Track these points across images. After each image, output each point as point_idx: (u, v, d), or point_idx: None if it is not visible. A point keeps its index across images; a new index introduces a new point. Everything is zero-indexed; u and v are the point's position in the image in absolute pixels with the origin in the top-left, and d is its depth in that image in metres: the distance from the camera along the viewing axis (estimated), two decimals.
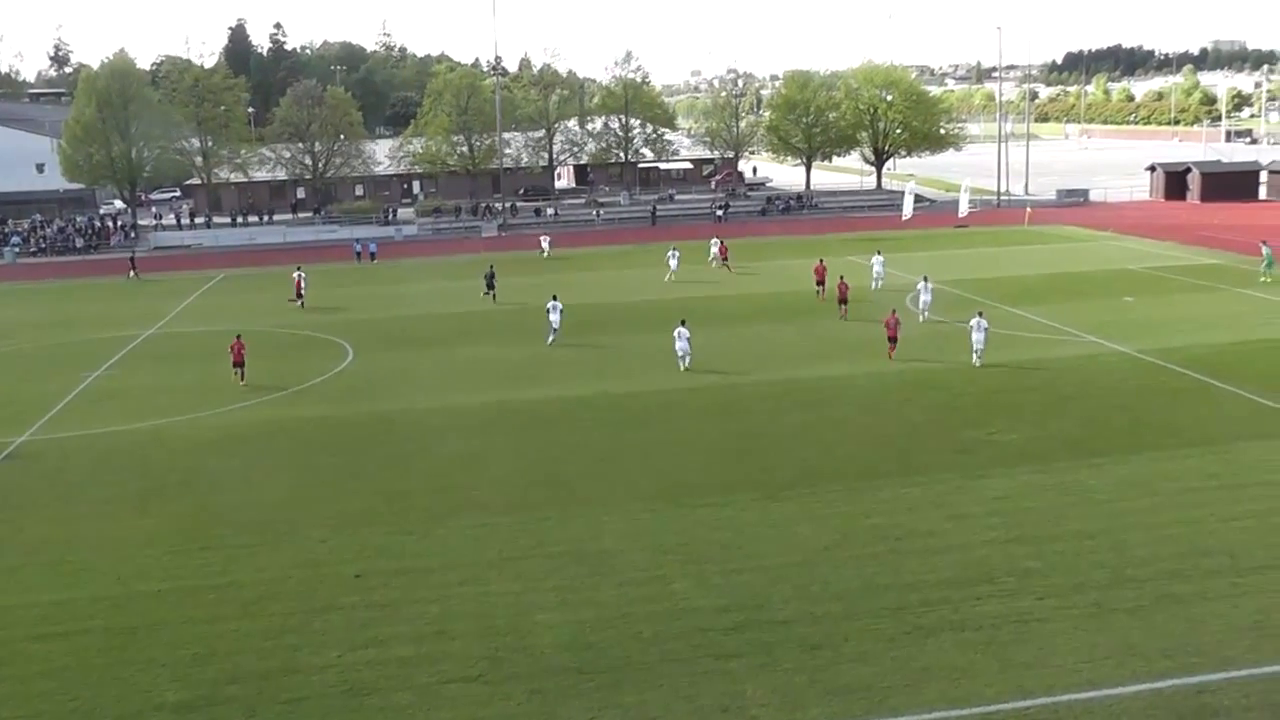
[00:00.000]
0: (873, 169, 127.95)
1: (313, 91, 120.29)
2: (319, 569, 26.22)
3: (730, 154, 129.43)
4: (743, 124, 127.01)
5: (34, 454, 37.15)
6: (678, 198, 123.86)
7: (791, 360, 45.68)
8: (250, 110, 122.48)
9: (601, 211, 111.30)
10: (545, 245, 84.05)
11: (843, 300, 54.38)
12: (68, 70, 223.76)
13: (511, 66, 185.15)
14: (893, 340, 45.28)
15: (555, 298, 52.36)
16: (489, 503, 30.26)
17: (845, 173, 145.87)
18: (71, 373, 49.02)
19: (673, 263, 69.78)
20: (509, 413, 39.55)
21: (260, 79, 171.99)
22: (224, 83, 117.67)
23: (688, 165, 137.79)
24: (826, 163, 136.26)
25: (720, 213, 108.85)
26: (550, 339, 51.02)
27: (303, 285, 65.28)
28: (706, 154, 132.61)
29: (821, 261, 60.69)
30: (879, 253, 66.08)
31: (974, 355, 43.60)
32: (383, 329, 57.15)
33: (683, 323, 45.73)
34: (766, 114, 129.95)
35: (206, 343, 55.69)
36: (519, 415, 39.16)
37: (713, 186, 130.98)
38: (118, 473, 34.78)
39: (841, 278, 56.14)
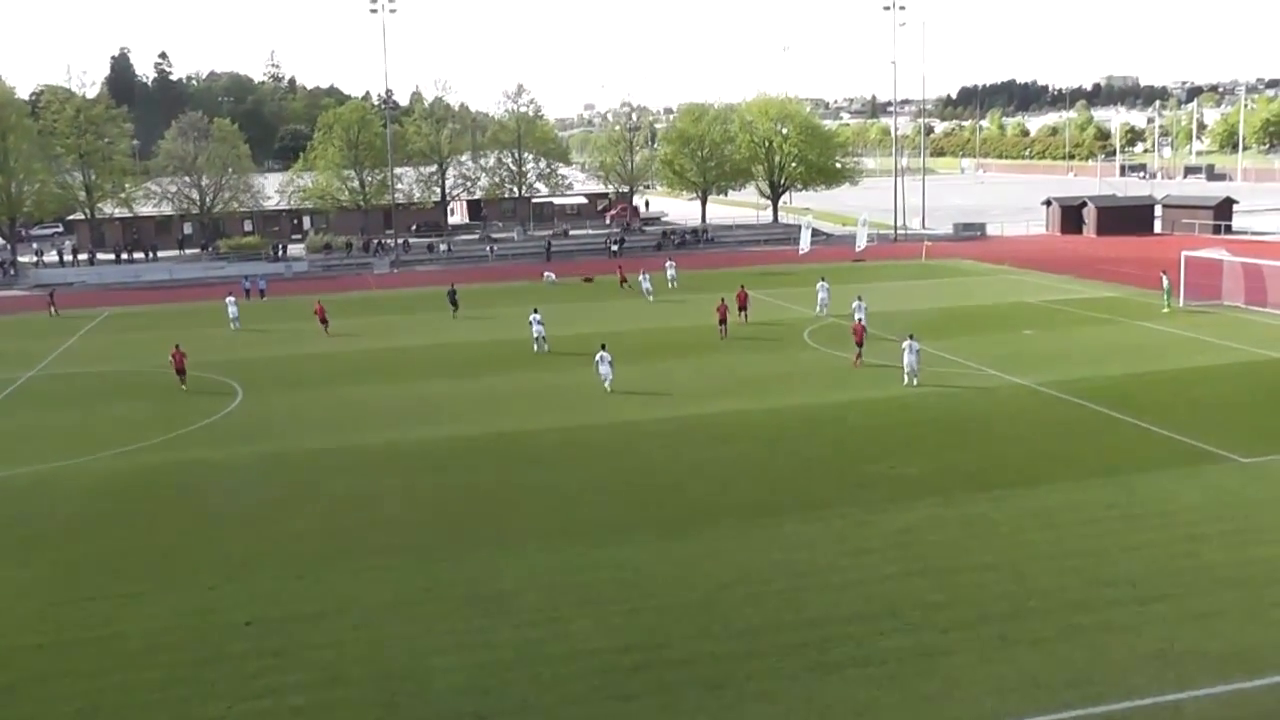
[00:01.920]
0: (769, 203, 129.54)
1: (199, 123, 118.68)
2: (207, 617, 25.59)
3: (625, 188, 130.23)
4: (637, 158, 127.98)
5: None
6: (572, 232, 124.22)
7: (689, 396, 45.87)
8: (135, 142, 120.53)
9: (495, 248, 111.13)
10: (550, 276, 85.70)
11: (722, 321, 58.72)
12: None
13: (403, 99, 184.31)
14: (859, 344, 50.37)
15: (535, 308, 59.27)
16: (381, 545, 29.84)
17: (742, 206, 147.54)
18: None
19: (646, 283, 76.11)
20: (400, 453, 39.12)
21: (145, 110, 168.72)
22: (107, 114, 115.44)
23: (582, 200, 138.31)
24: (723, 196, 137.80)
25: (615, 247, 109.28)
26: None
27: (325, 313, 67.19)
28: (601, 188, 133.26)
29: (723, 300, 61.20)
30: (823, 279, 67.07)
31: (907, 376, 44.83)
32: (273, 368, 56.26)
33: (603, 347, 47.60)
34: (661, 147, 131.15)
35: (89, 384, 54.41)
36: (410, 455, 38.77)
37: (607, 221, 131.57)
38: None
39: (722, 299, 58.99)
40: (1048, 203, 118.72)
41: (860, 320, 55.56)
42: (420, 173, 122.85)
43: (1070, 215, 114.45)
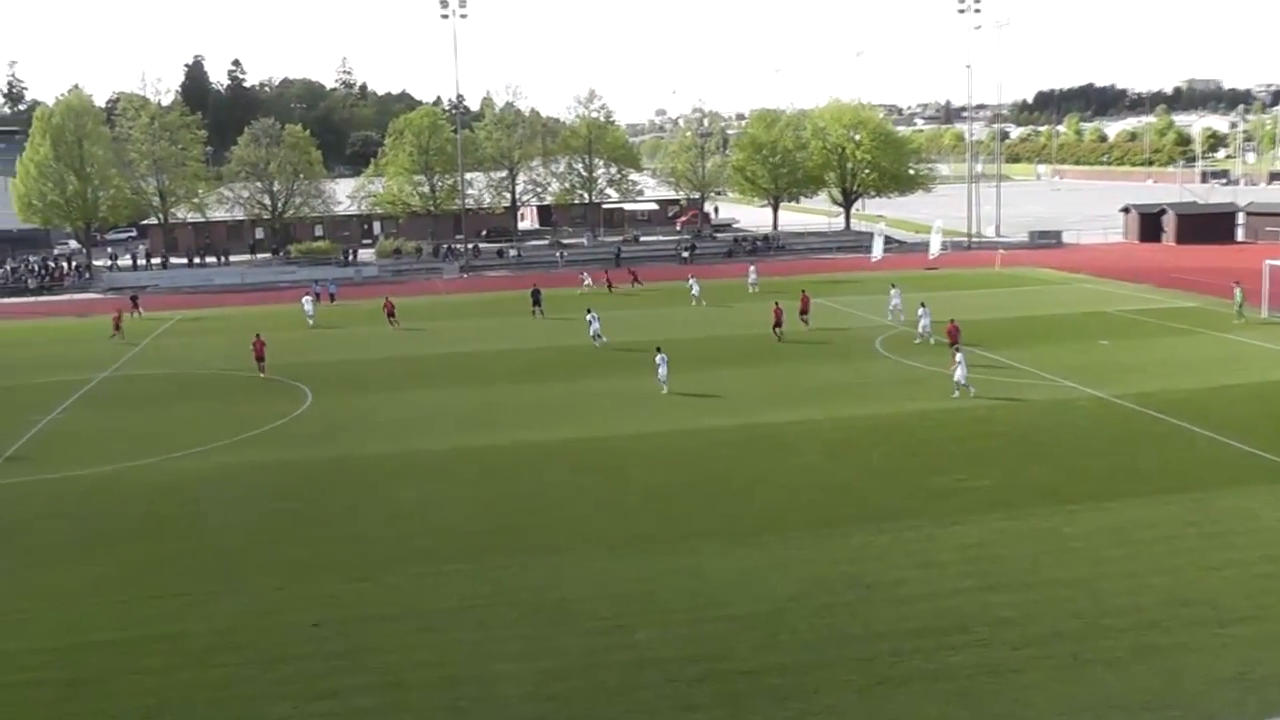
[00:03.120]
0: (841, 210, 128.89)
1: (271, 130, 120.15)
2: (273, 618, 25.93)
3: (696, 195, 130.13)
4: (709, 164, 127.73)
5: None
6: (643, 239, 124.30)
7: (755, 404, 45.75)
8: (208, 148, 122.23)
9: (565, 253, 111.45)
10: (587, 279, 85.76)
11: (778, 324, 60.10)
12: (21, 107, 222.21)
13: (474, 105, 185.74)
14: (954, 343, 50.82)
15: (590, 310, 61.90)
16: (446, 550, 30.07)
17: (813, 214, 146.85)
18: (21, 417, 48.45)
19: (695, 289, 76.72)
20: (465, 458, 39.38)
21: (218, 117, 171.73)
22: (181, 120, 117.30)
23: (653, 206, 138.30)
24: (794, 204, 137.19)
25: (686, 254, 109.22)
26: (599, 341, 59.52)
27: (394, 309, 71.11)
28: (672, 195, 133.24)
29: (778, 304, 61.24)
30: (895, 286, 66.80)
31: (956, 389, 44.45)
32: (342, 372, 56.89)
33: (659, 349, 48.40)
34: (733, 154, 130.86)
35: (162, 386, 55.37)
36: (475, 461, 39.00)
37: (678, 228, 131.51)
38: (65, 519, 34.37)
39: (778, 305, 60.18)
40: (1126, 210, 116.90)
41: (924, 326, 57.35)
42: (490, 178, 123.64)
43: (1149, 223, 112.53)
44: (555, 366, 55.82)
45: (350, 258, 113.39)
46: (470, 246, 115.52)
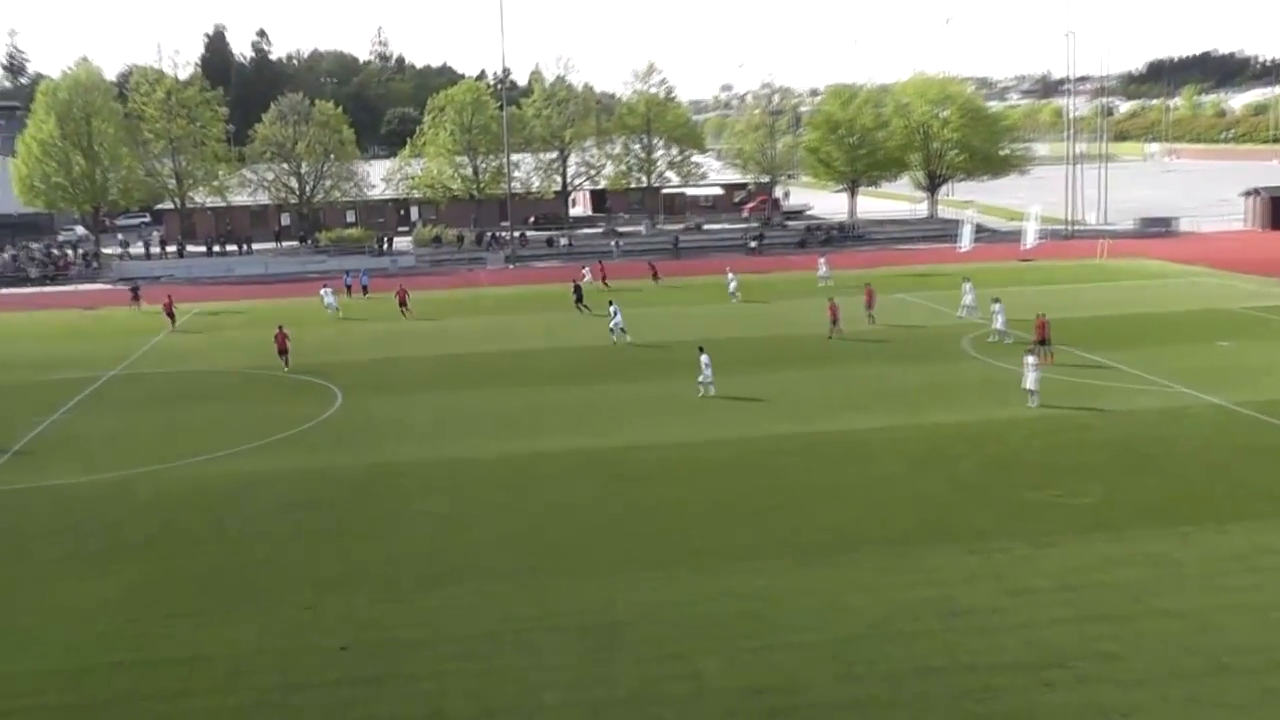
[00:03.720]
0: (925, 195, 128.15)
1: (300, 106, 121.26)
2: (299, 639, 26.15)
3: (765, 178, 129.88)
4: (779, 145, 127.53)
5: None
6: (706, 227, 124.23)
7: (825, 410, 45.63)
8: (229, 127, 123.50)
9: (621, 243, 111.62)
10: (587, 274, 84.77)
11: (834, 321, 60.18)
12: (24, 81, 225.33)
13: (521, 79, 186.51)
14: (1043, 343, 50.49)
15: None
16: (487, 567, 30.20)
17: (895, 199, 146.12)
18: (23, 418, 49.28)
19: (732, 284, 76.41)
20: (509, 467, 39.57)
21: (241, 92, 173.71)
22: (200, 96, 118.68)
23: (717, 191, 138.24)
24: (874, 188, 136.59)
25: (754, 244, 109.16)
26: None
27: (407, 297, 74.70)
28: (738, 178, 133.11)
29: (832, 301, 61.59)
30: (967, 280, 66.49)
31: (1030, 398, 43.93)
32: (375, 371, 57.40)
33: (701, 349, 48.54)
34: (806, 133, 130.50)
35: (177, 386, 56.06)
36: (520, 470, 39.20)
37: (744, 215, 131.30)
38: (73, 530, 34.86)
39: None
40: (1251, 193, 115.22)
41: (1000, 324, 57.37)
42: (539, 160, 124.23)
43: (1277, 208, 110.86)
44: (606, 367, 56.05)
45: (385, 246, 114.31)
46: (516, 235, 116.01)
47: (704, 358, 48.31)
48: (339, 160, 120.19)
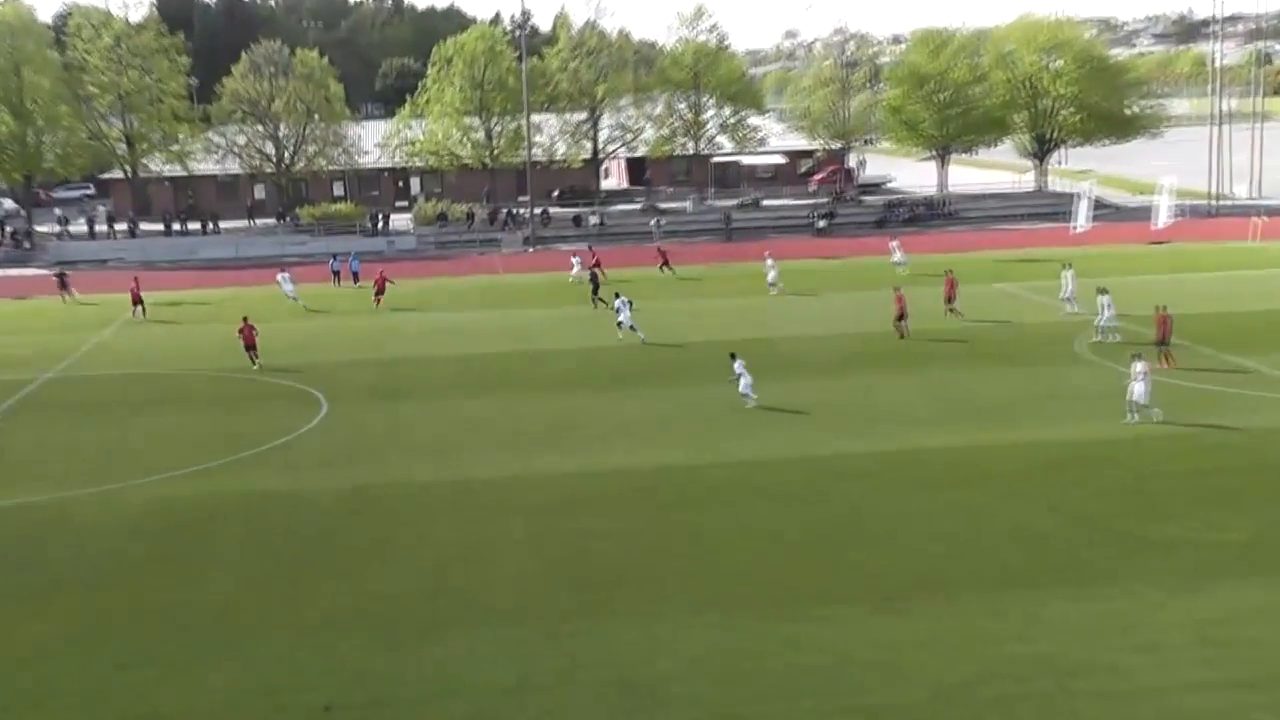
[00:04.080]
0: (1032, 164, 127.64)
1: (277, 56, 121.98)
2: (274, 696, 26.26)
3: (836, 145, 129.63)
4: (854, 104, 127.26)
5: None
6: (765, 202, 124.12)
7: (905, 424, 45.57)
8: (192, 80, 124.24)
9: (663, 221, 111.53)
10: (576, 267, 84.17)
11: (900, 318, 60.06)
12: None
13: (544, 25, 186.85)
14: (1163, 343, 51.06)
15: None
16: (500, 609, 30.27)
17: (995, 169, 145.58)
18: None
19: (772, 273, 76.78)
20: (527, 489, 39.72)
21: (206, 39, 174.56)
22: (156, 43, 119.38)
23: (779, 160, 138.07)
24: (968, 156, 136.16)
25: (822, 223, 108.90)
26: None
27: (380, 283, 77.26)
28: (805, 144, 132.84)
29: (899, 292, 61.69)
30: (1068, 266, 66.35)
31: (1129, 413, 43.76)
32: (367, 374, 57.74)
33: (733, 356, 48.59)
34: (887, 90, 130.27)
35: (129, 390, 56.47)
36: (538, 492, 39.36)
37: (812, 188, 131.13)
38: (4, 560, 35.15)
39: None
40: None
41: (1106, 319, 57.41)
42: (565, 121, 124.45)
43: None
44: (641, 370, 56.24)
45: (380, 225, 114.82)
46: (538, 212, 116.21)
47: (738, 364, 48.37)
48: (325, 121, 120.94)
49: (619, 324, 62.14)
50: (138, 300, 75.35)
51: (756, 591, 30.76)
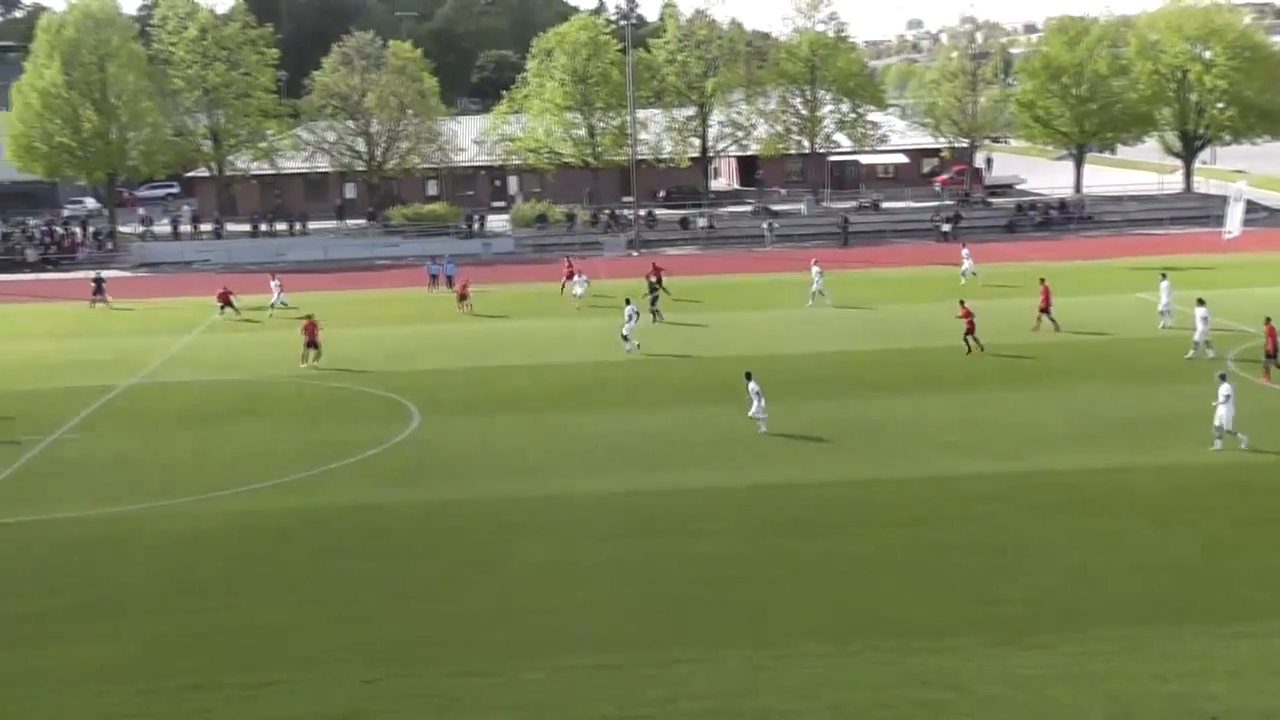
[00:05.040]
0: (1178, 163, 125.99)
1: (369, 48, 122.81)
2: None
3: (963, 143, 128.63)
4: (982, 99, 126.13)
5: None
6: (885, 204, 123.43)
7: (1028, 443, 45.05)
8: (281, 74, 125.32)
9: (776, 224, 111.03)
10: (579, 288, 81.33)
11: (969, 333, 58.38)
12: (18, 15, 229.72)
13: (650, 14, 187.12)
14: (1271, 356, 51.36)
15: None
16: (590, 635, 30.24)
17: (1136, 168, 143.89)
18: (11, 437, 50.62)
19: (817, 282, 76.63)
20: (620, 508, 39.74)
21: (296, 31, 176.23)
22: (244, 35, 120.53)
23: (900, 159, 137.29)
24: (1107, 155, 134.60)
25: (946, 227, 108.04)
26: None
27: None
28: (929, 142, 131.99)
29: (965, 306, 60.97)
30: (1165, 276, 65.49)
31: (1217, 437, 43.03)
32: (461, 384, 58.09)
33: (749, 376, 47.96)
34: (1019, 83, 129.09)
35: (212, 397, 57.21)
36: (630, 511, 39.40)
37: (936, 188, 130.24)
38: (71, 576, 35.60)
39: None
40: None
41: (1201, 334, 57.09)
42: (672, 118, 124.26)
43: None
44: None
45: (476, 226, 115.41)
46: (642, 213, 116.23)
47: (753, 386, 47.60)
48: (418, 116, 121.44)
49: (625, 335, 63.32)
50: (227, 301, 77.17)
51: (868, 621, 30.49)
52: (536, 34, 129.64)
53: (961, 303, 61.52)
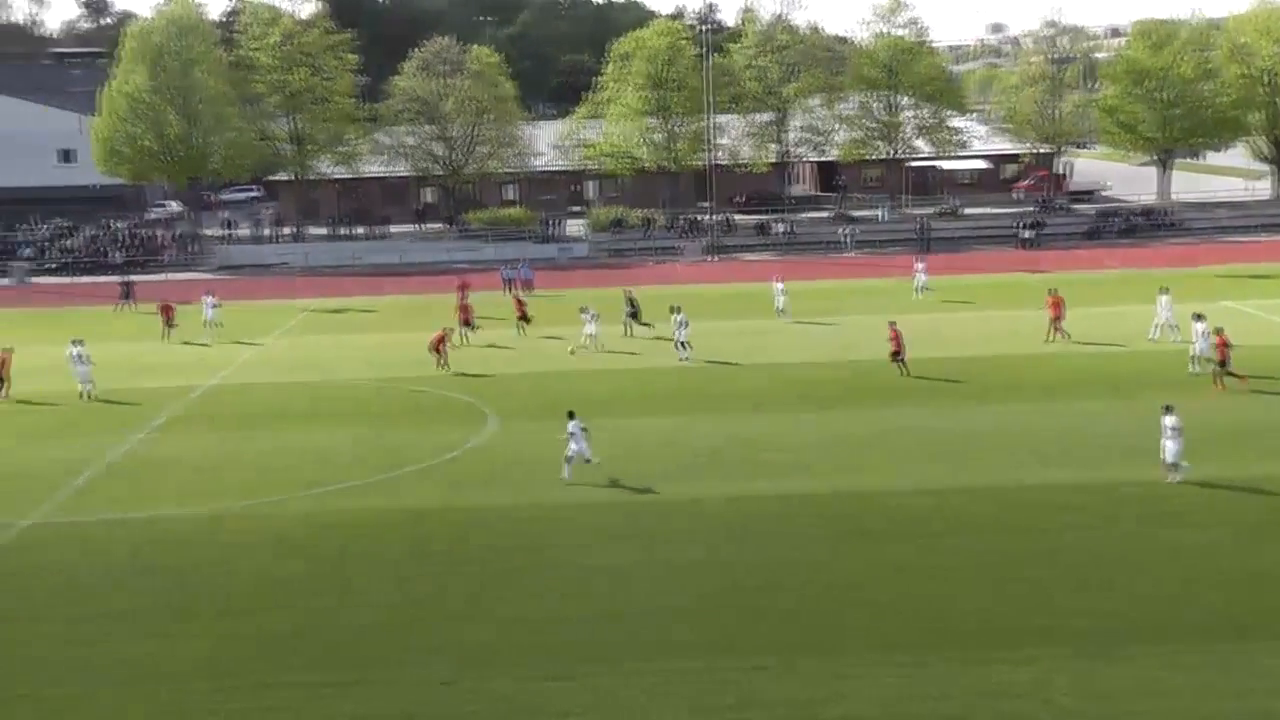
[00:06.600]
0: (1269, 169, 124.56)
1: (449, 53, 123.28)
2: None
3: (1045, 148, 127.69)
4: (1066, 104, 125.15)
5: (39, 544, 38.86)
6: (966, 210, 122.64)
7: (1126, 454, 44.51)
8: (361, 79, 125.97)
9: (855, 230, 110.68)
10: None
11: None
12: (106, 21, 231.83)
13: (729, 19, 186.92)
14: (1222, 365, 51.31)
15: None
16: (671, 639, 30.24)
17: (1224, 175, 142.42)
18: (99, 436, 51.22)
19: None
20: (701, 513, 39.66)
21: (376, 36, 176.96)
22: (325, 41, 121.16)
23: (981, 165, 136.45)
24: (1195, 160, 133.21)
25: (1028, 234, 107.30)
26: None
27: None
28: (1011, 148, 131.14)
29: (893, 326, 59.10)
30: (1165, 291, 64.92)
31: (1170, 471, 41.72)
32: (538, 388, 58.14)
33: (571, 415, 44.22)
34: (1103, 88, 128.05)
35: (291, 399, 57.68)
36: (715, 517, 39.28)
37: (1017, 195, 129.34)
38: (153, 575, 36.00)
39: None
40: None
41: (1200, 349, 55.57)
42: (750, 123, 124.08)
43: None
44: (832, 390, 55.84)
45: (553, 230, 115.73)
46: (719, 219, 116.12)
47: (573, 424, 43.68)
48: (497, 121, 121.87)
49: (679, 343, 63.30)
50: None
51: (951, 630, 30.32)
52: (614, 38, 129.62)
53: (891, 324, 59.36)
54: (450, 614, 32.39)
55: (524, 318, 72.34)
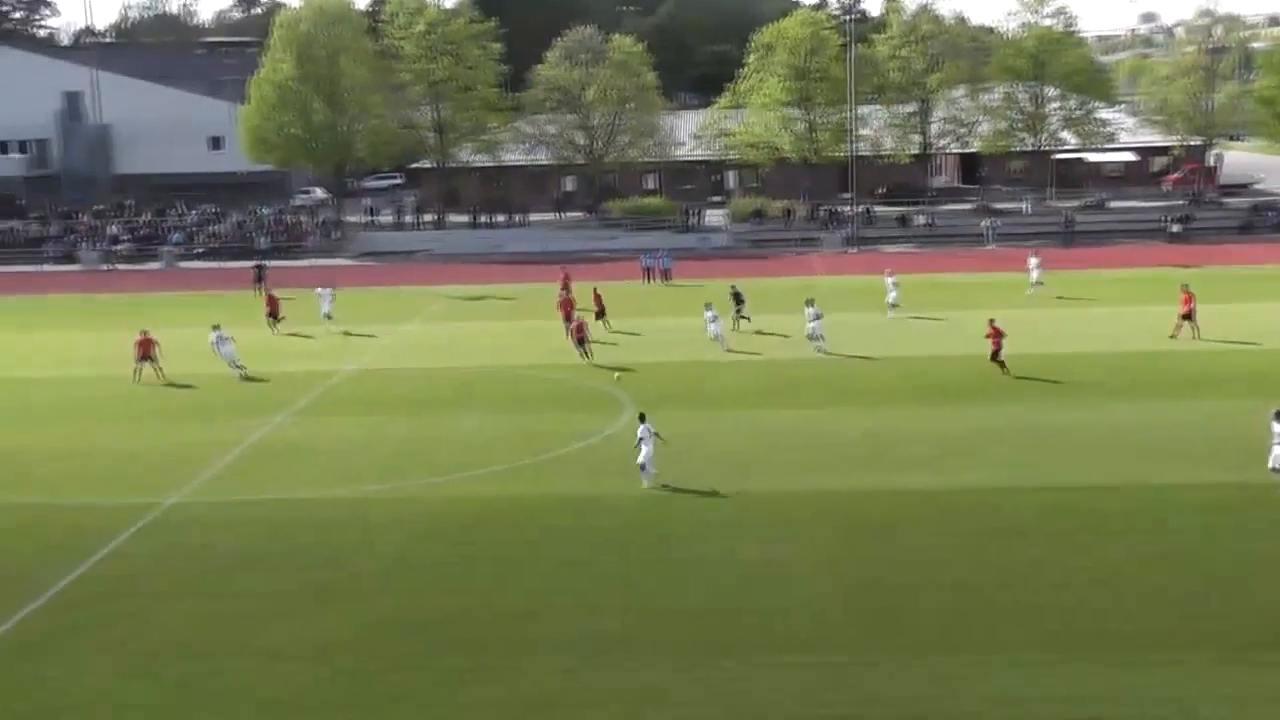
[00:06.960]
0: None
1: (591, 42, 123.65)
2: (558, 713, 26.81)
3: (1196, 141, 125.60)
4: (1219, 95, 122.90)
5: (177, 525, 39.81)
6: (1112, 204, 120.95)
7: (1252, 454, 43.25)
8: (504, 68, 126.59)
9: (997, 223, 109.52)
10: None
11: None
12: (256, 11, 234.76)
13: (873, 9, 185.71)
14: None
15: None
16: (785, 635, 30.35)
17: None
18: (238, 419, 52.29)
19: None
20: (826, 508, 39.62)
21: (518, 25, 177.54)
22: (469, 30, 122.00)
23: (1129, 157, 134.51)
24: None
25: (1176, 227, 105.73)
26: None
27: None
28: (1160, 140, 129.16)
29: (992, 323, 57.69)
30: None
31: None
32: (674, 377, 58.33)
33: (643, 418, 43.35)
34: (1259, 79, 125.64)
35: (429, 385, 58.42)
36: (840, 512, 39.23)
37: (1166, 188, 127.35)
38: (288, 557, 36.75)
39: None
40: None
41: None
42: (893, 114, 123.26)
43: None
44: (966, 385, 55.41)
45: (693, 220, 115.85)
46: (860, 210, 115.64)
47: (644, 427, 42.35)
48: (639, 111, 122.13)
49: (811, 335, 63.08)
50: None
51: (1072, 630, 30.13)
52: (756, 29, 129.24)
53: (991, 321, 58.03)
54: (575, 604, 32.68)
55: (602, 312, 70.65)
